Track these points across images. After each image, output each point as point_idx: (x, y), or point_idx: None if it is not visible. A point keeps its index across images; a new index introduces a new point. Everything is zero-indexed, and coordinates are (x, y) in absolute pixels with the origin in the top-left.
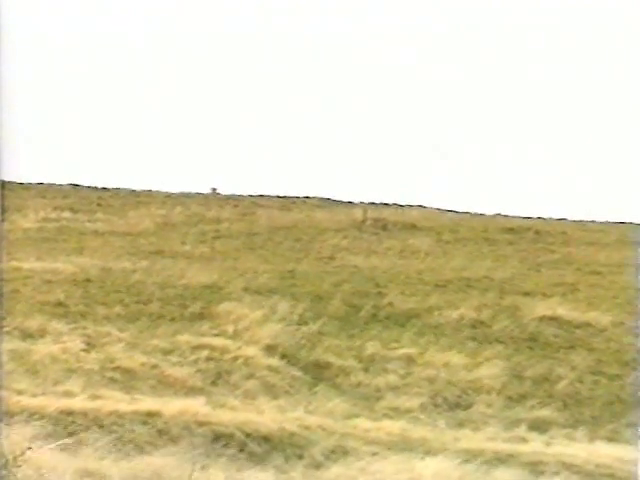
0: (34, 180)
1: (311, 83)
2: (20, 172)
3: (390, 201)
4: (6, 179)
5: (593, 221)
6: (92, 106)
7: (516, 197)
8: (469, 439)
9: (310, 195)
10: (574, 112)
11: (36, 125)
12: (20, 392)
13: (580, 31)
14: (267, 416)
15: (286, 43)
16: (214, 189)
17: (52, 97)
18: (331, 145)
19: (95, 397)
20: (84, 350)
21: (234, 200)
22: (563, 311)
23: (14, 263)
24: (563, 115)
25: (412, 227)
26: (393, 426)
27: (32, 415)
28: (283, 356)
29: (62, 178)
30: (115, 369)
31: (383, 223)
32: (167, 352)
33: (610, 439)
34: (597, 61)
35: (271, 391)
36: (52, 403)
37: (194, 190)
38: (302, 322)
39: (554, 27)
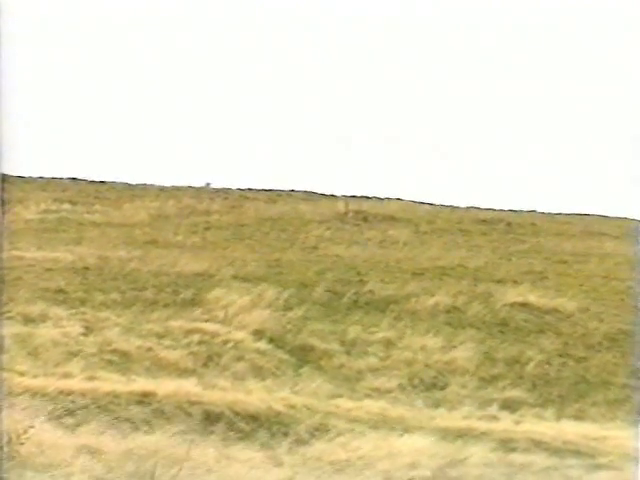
0: (36, 174)
1: (297, 86)
2: (22, 167)
3: (370, 194)
4: (10, 173)
5: (560, 213)
6: (91, 106)
7: (489, 190)
8: (444, 418)
9: (295, 189)
10: (543, 112)
11: (37, 123)
12: (22, 373)
13: (555, 22)
14: (255, 396)
15: (277, 43)
16: (208, 183)
17: (54, 98)
18: (315, 142)
19: (93, 378)
20: (83, 334)
21: (224, 193)
22: (532, 297)
23: (17, 252)
24: (533, 115)
25: (391, 219)
26: (373, 405)
27: (34, 395)
28: (270, 340)
29: (62, 172)
30: (112, 352)
31: (364, 215)
32: (161, 336)
33: (576, 417)
34: (571, 60)
35: (259, 373)
36: (52, 384)
37: (186, 184)
38: (288, 308)
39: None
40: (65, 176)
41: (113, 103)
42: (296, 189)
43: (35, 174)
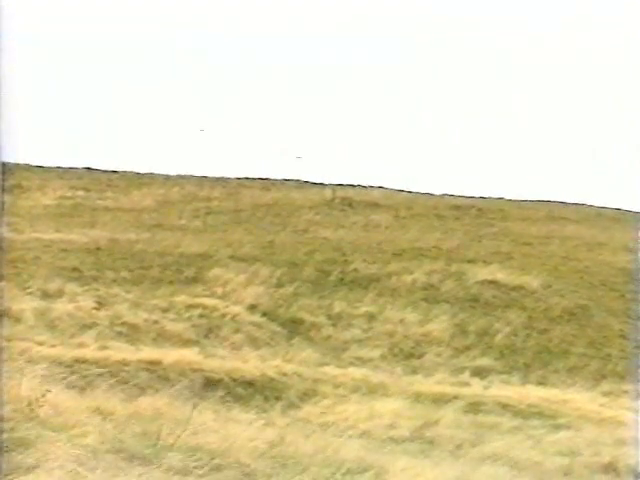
0: (53, 164)
1: (290, 87)
2: (41, 157)
3: (355, 183)
4: (30, 163)
5: (526, 200)
6: (104, 104)
7: (461, 179)
8: (421, 383)
9: (287, 177)
10: (509, 110)
11: (54, 119)
12: (41, 343)
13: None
14: (251, 364)
15: (275, 38)
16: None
17: (72, 98)
18: (305, 134)
19: (104, 348)
20: (95, 308)
21: (222, 181)
22: (500, 276)
23: (36, 234)
24: (501, 112)
25: (374, 205)
26: (357, 373)
27: (51, 363)
28: (264, 314)
29: (77, 162)
30: (122, 324)
31: (349, 201)
32: (166, 310)
33: (539, 383)
34: (544, 53)
35: (254, 343)
36: (68, 353)
37: (189, 173)
38: (280, 285)
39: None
40: (80, 166)
41: (124, 102)
42: (288, 178)
43: (53, 164)
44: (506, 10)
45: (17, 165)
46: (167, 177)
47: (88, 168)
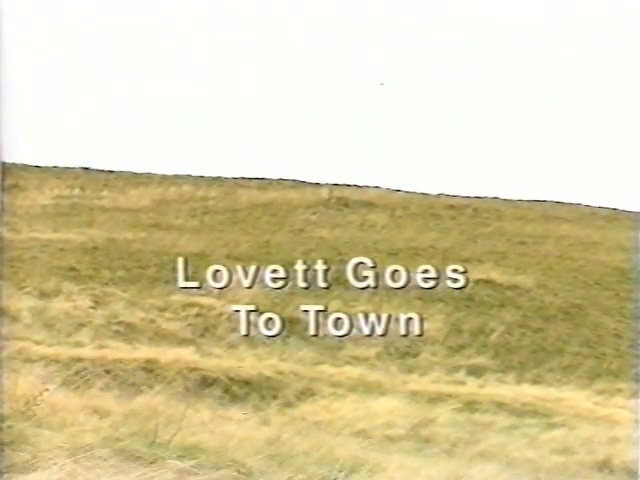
0: (50, 164)
1: (285, 88)
2: (39, 157)
3: (351, 182)
4: (27, 163)
5: (521, 200)
6: (101, 104)
7: (457, 179)
8: (416, 382)
9: (284, 177)
10: (508, 103)
11: (50, 119)
12: (38, 342)
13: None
14: (247, 363)
15: (271, 37)
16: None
17: (70, 99)
18: (302, 136)
19: (101, 347)
20: (92, 307)
21: (219, 181)
22: (495, 275)
23: (33, 234)
24: (495, 112)
25: (370, 204)
26: (353, 371)
27: (49, 362)
28: (261, 313)
29: (74, 162)
30: (118, 323)
31: (345, 201)
32: (162, 309)
33: (534, 382)
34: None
35: (251, 342)
36: (65, 352)
37: (186, 172)
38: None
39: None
40: (77, 165)
41: (121, 102)
42: (285, 177)
43: (50, 164)
44: (501, 8)
45: (15, 165)
46: (164, 177)
47: (85, 168)
